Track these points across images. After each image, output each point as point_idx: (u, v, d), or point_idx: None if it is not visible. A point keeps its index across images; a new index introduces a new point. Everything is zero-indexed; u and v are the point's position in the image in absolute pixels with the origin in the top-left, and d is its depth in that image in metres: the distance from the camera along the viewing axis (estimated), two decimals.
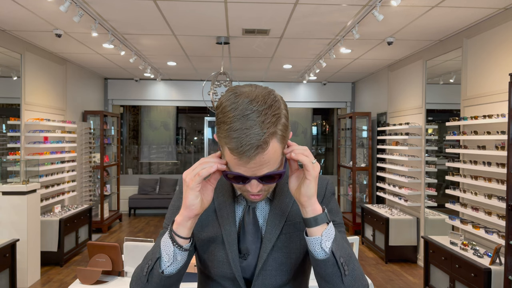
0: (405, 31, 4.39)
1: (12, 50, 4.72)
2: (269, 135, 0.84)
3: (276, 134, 0.86)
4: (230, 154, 0.86)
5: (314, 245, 0.90)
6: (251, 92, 0.87)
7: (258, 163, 0.86)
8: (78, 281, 2.47)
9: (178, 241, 0.92)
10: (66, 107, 6.16)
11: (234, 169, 0.89)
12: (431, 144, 5.10)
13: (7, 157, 4.64)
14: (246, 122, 0.83)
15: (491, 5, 3.53)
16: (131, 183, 8.37)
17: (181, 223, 0.92)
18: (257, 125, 0.83)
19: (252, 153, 0.84)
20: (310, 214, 0.90)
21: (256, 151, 0.83)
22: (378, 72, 6.85)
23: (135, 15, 3.98)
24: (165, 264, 0.92)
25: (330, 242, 0.89)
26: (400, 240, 5.20)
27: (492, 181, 3.53)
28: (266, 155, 0.85)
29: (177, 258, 0.93)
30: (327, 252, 0.89)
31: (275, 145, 0.87)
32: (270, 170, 0.88)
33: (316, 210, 0.90)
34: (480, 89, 3.99)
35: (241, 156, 0.84)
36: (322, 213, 0.90)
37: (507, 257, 2.95)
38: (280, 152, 0.89)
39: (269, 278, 1.00)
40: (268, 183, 0.92)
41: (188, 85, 8.16)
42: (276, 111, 0.86)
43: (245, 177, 0.89)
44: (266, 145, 0.84)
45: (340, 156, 7.87)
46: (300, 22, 4.17)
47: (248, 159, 0.84)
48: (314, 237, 0.89)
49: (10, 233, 4.12)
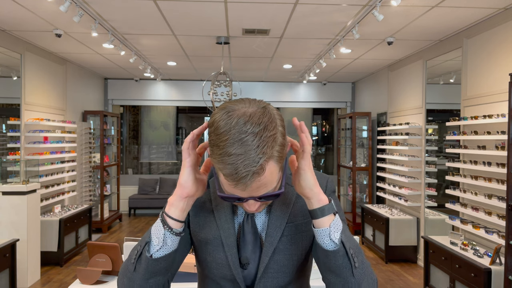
0: (405, 31, 4.39)
1: (12, 50, 4.72)
2: (266, 159, 0.80)
3: (272, 157, 0.82)
4: (225, 179, 0.83)
5: (323, 237, 0.88)
6: (245, 111, 0.82)
7: (255, 187, 0.83)
8: (78, 281, 2.47)
9: (169, 222, 0.90)
10: (66, 107, 6.16)
11: (230, 191, 0.86)
12: (431, 144, 5.10)
13: (7, 157, 4.64)
14: (240, 147, 0.79)
15: (491, 5, 3.53)
16: (131, 183, 8.37)
17: (174, 203, 0.91)
18: (253, 150, 0.78)
19: (248, 180, 0.80)
20: (316, 205, 0.88)
21: (252, 177, 0.80)
22: (378, 72, 6.85)
23: (135, 15, 3.98)
24: (154, 248, 0.90)
25: (339, 233, 0.87)
26: (400, 240, 5.20)
27: (492, 181, 3.53)
28: (263, 179, 0.82)
29: (167, 242, 0.90)
30: (337, 243, 0.87)
31: (272, 167, 0.83)
32: (267, 191, 0.85)
33: (322, 200, 0.88)
34: (480, 89, 3.99)
35: (237, 183, 0.81)
36: (329, 203, 0.89)
37: (507, 257, 2.94)
38: (277, 172, 0.85)
39: (270, 280, 1.00)
40: (266, 200, 0.89)
41: (188, 85, 8.16)
42: (272, 131, 0.82)
43: (241, 198, 0.87)
44: (263, 170, 0.80)
45: (340, 156, 7.87)
46: (300, 22, 4.17)
47: (244, 186, 0.81)
48: (322, 229, 0.87)
49: (10, 233, 4.12)
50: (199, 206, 1.05)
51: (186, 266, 2.43)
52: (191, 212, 1.05)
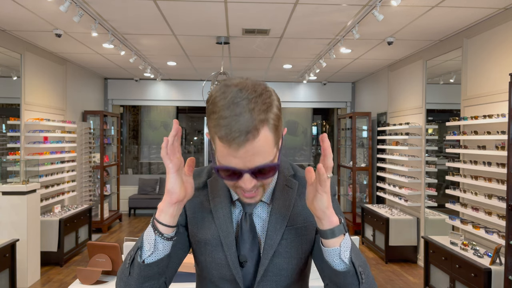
0: (405, 31, 4.39)
1: (12, 50, 4.72)
2: (260, 121, 0.81)
3: (267, 122, 0.83)
4: (220, 144, 0.83)
5: (333, 256, 0.87)
6: (241, 82, 0.86)
7: (249, 152, 0.82)
8: (78, 281, 2.47)
9: (160, 228, 0.90)
10: (66, 107, 6.16)
11: (226, 162, 0.85)
12: (431, 144, 5.10)
13: (7, 157, 4.64)
14: (235, 109, 0.81)
15: (491, 5, 3.53)
16: (131, 183, 8.37)
17: (164, 210, 0.90)
18: (247, 111, 0.81)
19: (242, 139, 0.80)
20: (326, 226, 0.86)
21: (246, 137, 0.80)
22: (378, 72, 6.85)
23: (135, 15, 3.98)
24: (146, 253, 0.90)
25: (348, 252, 0.86)
26: (400, 240, 5.20)
27: (492, 181, 3.53)
28: (257, 143, 0.82)
29: (158, 247, 0.90)
30: (347, 263, 0.86)
31: (267, 134, 0.83)
32: (262, 162, 0.84)
33: (333, 222, 0.86)
34: (480, 89, 3.99)
35: (231, 143, 0.81)
36: (340, 225, 0.87)
37: (507, 257, 2.94)
38: (273, 142, 0.85)
39: (270, 283, 0.99)
40: (262, 178, 0.88)
41: (188, 85, 8.16)
42: (267, 99, 0.84)
43: (237, 172, 0.86)
44: (257, 132, 0.81)
45: (340, 156, 7.86)
46: (300, 22, 4.17)
47: (237, 146, 0.81)
48: (333, 248, 0.86)
49: (10, 233, 4.12)
50: (197, 206, 1.04)
51: (186, 266, 2.43)
52: (189, 213, 1.04)
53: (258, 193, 0.92)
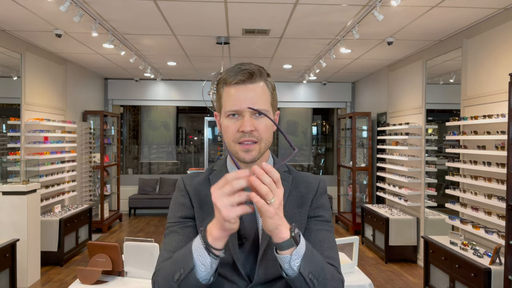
0: (405, 31, 4.40)
1: (12, 50, 4.72)
2: (261, 75, 1.02)
3: (267, 82, 1.04)
4: (227, 89, 1.02)
5: (283, 263, 0.92)
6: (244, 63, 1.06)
7: (251, 92, 1.00)
8: (78, 281, 2.47)
9: (215, 253, 0.91)
10: (66, 107, 6.17)
11: (231, 106, 1.01)
12: (431, 144, 5.10)
13: (7, 157, 4.64)
14: (242, 65, 1.02)
15: (491, 5, 3.53)
16: (131, 183, 8.37)
17: (220, 238, 0.90)
18: (253, 65, 1.03)
19: (247, 76, 1.00)
20: (276, 240, 0.90)
21: (251, 75, 1.00)
22: (378, 72, 6.85)
23: (135, 15, 3.98)
24: (201, 273, 0.92)
25: (299, 260, 0.90)
26: (400, 240, 5.20)
27: (492, 181, 3.53)
28: (257, 87, 1.02)
29: (213, 266, 0.93)
30: (295, 270, 0.90)
31: (265, 89, 1.03)
32: (261, 107, 1.01)
33: (282, 238, 0.89)
34: (480, 89, 3.99)
35: (235, 78, 1.00)
36: (288, 239, 0.89)
37: (507, 257, 2.95)
38: (269, 101, 1.04)
39: (271, 267, 1.03)
40: (259, 123, 1.01)
41: (188, 85, 8.16)
42: (266, 72, 1.05)
43: (240, 112, 1.00)
44: (259, 78, 1.02)
45: (340, 156, 7.87)
46: (300, 22, 4.17)
47: (243, 83, 1.00)
48: (283, 256, 0.91)
49: (10, 233, 4.12)
50: (203, 199, 1.11)
51: None
52: (196, 206, 1.10)
53: (254, 148, 1.02)
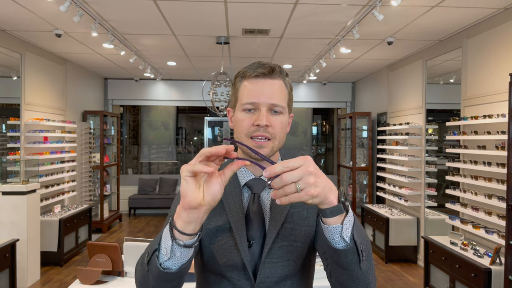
0: (405, 31, 4.39)
1: (12, 50, 4.72)
2: (281, 73, 1.03)
3: (286, 81, 1.05)
4: (246, 83, 1.03)
5: (333, 234, 0.83)
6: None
7: (269, 87, 1.00)
8: (78, 281, 2.47)
9: (175, 234, 0.84)
10: (66, 107, 6.16)
11: (248, 98, 1.01)
12: (431, 144, 5.10)
13: (7, 157, 4.64)
14: (261, 62, 1.04)
15: (491, 5, 3.53)
16: (131, 183, 8.37)
17: (179, 213, 0.84)
18: (272, 63, 1.02)
19: (267, 70, 1.00)
20: (324, 206, 0.82)
21: (271, 71, 1.01)
22: (378, 72, 6.85)
23: (135, 15, 3.98)
24: (163, 258, 0.85)
25: (350, 229, 0.82)
26: (400, 240, 5.20)
27: (492, 181, 3.53)
28: (276, 83, 1.02)
29: (176, 254, 0.85)
30: (348, 242, 0.83)
31: (283, 87, 1.04)
32: (278, 102, 1.01)
33: (330, 203, 0.81)
34: (480, 89, 3.99)
35: (255, 71, 1.01)
36: (338, 204, 0.81)
37: (507, 257, 2.94)
38: (286, 100, 1.04)
39: (275, 266, 1.01)
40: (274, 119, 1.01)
41: (188, 85, 8.16)
42: (287, 74, 1.07)
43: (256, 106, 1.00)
44: (278, 74, 1.02)
45: (340, 156, 7.86)
46: (300, 22, 4.17)
47: (262, 77, 1.01)
48: (333, 226, 0.82)
49: (10, 233, 4.12)
50: None
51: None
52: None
53: (267, 145, 1.01)
